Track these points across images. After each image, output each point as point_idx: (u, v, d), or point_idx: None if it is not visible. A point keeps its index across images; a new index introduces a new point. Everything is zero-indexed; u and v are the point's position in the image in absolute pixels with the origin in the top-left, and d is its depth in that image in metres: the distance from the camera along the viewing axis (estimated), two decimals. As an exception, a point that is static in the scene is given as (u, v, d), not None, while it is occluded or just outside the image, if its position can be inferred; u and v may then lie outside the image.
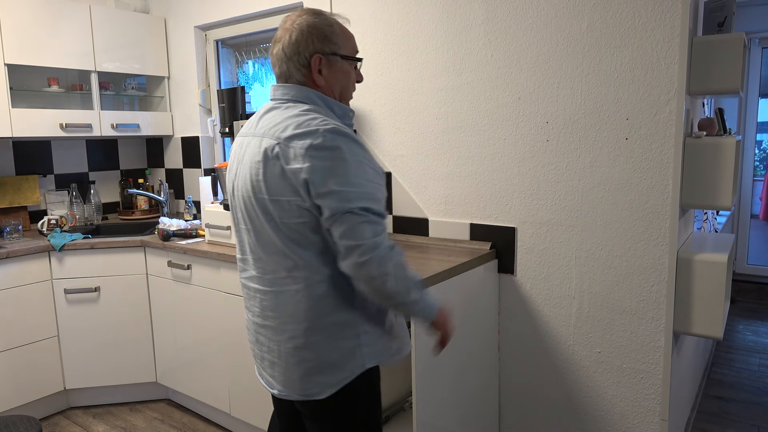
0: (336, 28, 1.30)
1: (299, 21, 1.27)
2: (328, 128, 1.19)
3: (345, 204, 1.17)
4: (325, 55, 1.28)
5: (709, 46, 1.82)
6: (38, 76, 3.02)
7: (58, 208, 3.19)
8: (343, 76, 1.32)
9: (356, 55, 1.34)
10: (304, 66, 1.27)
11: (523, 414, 2.25)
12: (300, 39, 1.26)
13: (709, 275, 1.82)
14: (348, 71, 1.33)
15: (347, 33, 1.33)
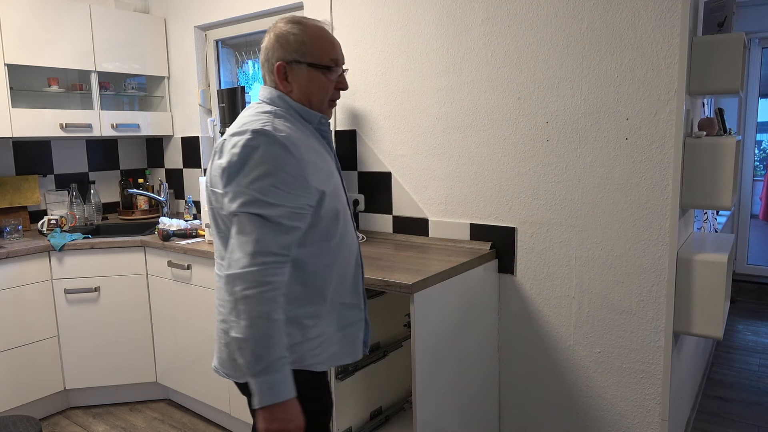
0: (305, 36, 1.30)
1: (273, 28, 1.33)
2: (256, 129, 1.20)
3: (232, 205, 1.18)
4: (288, 63, 1.30)
5: (709, 46, 1.82)
6: (38, 76, 3.02)
7: (58, 208, 3.19)
8: (311, 84, 1.32)
9: (334, 62, 1.34)
10: (271, 72, 1.33)
11: (523, 414, 2.25)
12: (268, 46, 1.32)
13: (709, 275, 1.82)
14: (317, 79, 1.32)
15: (323, 41, 1.32)
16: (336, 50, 1.35)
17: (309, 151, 1.26)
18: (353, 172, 2.64)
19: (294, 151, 1.20)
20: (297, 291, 1.29)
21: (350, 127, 2.61)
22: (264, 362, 1.14)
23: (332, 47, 1.34)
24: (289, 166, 1.19)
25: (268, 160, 1.17)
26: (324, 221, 1.29)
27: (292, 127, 1.27)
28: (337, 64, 1.35)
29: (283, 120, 1.27)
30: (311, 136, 1.33)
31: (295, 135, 1.24)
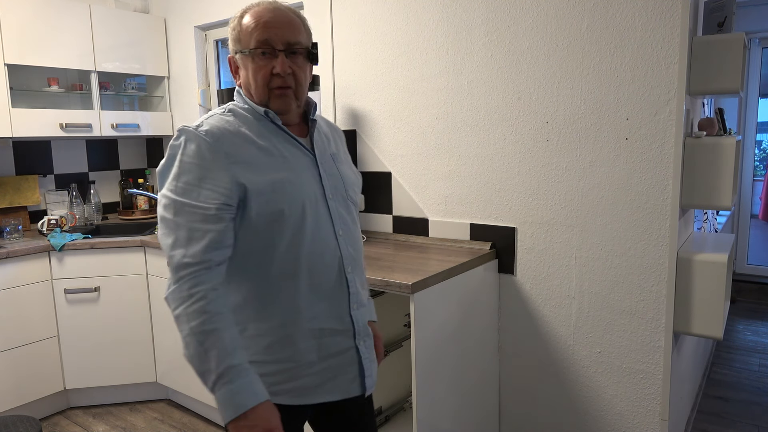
0: (238, 23, 1.19)
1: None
2: (181, 128, 1.15)
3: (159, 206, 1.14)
4: (234, 54, 1.22)
5: (709, 46, 1.82)
6: (38, 76, 3.02)
7: (58, 208, 3.19)
8: (246, 74, 1.20)
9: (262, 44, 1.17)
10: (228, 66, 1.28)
11: (523, 414, 2.25)
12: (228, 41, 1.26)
13: (709, 275, 1.82)
14: (247, 66, 1.19)
15: (253, 23, 1.17)
16: (263, 28, 1.16)
17: (242, 145, 1.15)
18: (353, 172, 2.64)
19: (214, 146, 1.12)
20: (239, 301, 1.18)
21: (350, 127, 2.61)
22: (211, 377, 1.05)
23: (259, 28, 1.16)
24: (205, 161, 1.11)
25: (184, 158, 1.12)
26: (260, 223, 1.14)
27: (229, 121, 1.18)
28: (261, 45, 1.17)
29: (227, 115, 1.20)
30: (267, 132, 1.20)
31: (221, 130, 1.15)
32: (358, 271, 1.29)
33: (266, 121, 1.22)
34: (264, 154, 1.18)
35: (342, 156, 1.35)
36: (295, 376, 1.21)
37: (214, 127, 1.15)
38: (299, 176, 1.20)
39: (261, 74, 1.18)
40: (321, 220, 1.21)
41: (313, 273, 1.20)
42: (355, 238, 1.30)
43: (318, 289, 1.21)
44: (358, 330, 1.28)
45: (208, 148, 1.12)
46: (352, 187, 1.32)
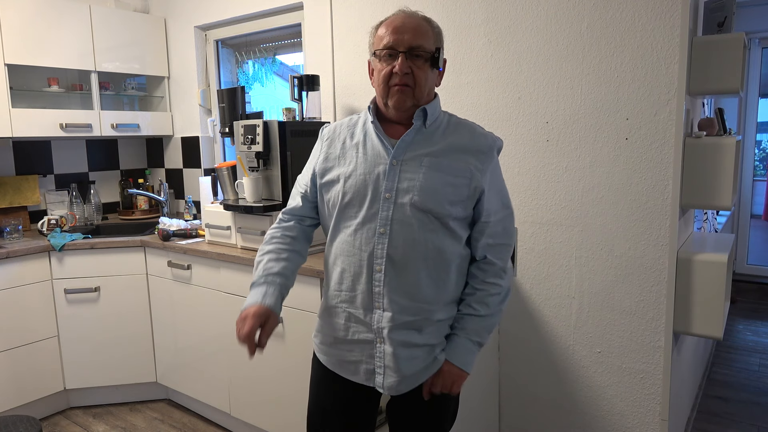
0: (375, 30, 1.32)
1: None
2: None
3: None
4: (372, 59, 1.33)
5: (709, 46, 1.82)
6: (38, 76, 3.02)
7: (58, 208, 3.19)
8: (375, 73, 1.30)
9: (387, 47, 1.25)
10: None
11: (523, 414, 2.25)
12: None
13: (709, 275, 1.82)
14: (376, 66, 1.29)
15: (383, 27, 1.28)
16: (391, 33, 1.24)
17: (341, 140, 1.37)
18: (353, 172, 2.63)
19: (324, 138, 1.41)
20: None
21: (350, 127, 2.61)
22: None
23: (388, 33, 1.25)
24: (315, 149, 1.44)
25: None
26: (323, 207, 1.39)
27: (353, 119, 1.40)
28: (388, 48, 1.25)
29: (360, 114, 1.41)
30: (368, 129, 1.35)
31: (338, 125, 1.41)
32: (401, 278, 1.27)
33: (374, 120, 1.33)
34: (349, 148, 1.35)
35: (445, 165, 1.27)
36: (330, 344, 1.40)
37: (335, 124, 1.43)
38: (365, 171, 1.28)
39: (383, 73, 1.27)
40: (368, 215, 1.27)
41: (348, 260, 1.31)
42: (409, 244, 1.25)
43: (348, 277, 1.32)
44: (376, 331, 1.30)
45: (320, 138, 1.43)
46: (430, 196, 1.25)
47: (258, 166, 2.31)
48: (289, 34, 2.97)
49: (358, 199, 1.28)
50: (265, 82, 3.32)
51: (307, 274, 1.99)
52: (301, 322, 2.05)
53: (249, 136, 2.27)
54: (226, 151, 3.37)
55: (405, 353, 1.30)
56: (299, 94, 2.50)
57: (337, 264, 1.34)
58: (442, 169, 1.27)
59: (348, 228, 1.30)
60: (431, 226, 1.26)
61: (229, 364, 2.47)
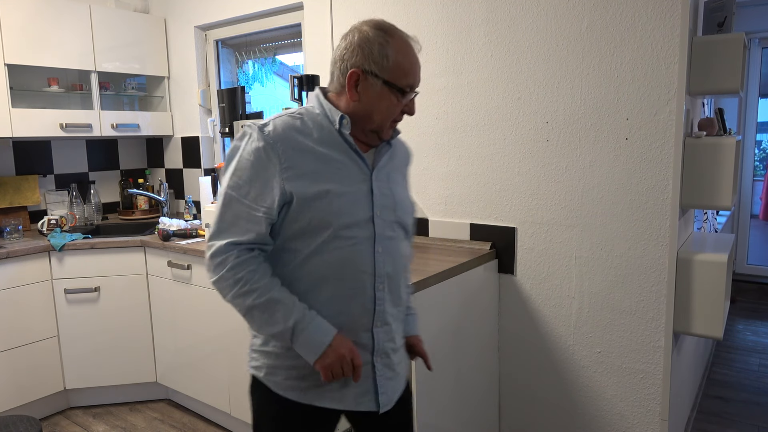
0: (391, 50, 1.20)
1: (359, 28, 1.22)
2: (250, 123, 1.21)
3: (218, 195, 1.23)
4: (364, 72, 1.19)
5: (709, 46, 1.82)
6: (38, 76, 3.02)
7: (58, 208, 3.19)
8: (379, 102, 1.21)
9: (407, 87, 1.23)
10: (342, 74, 1.22)
11: (523, 414, 2.25)
12: (348, 47, 1.20)
13: (709, 275, 1.82)
14: (388, 99, 1.21)
15: (408, 61, 1.22)
16: (416, 74, 1.25)
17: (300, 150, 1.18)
18: (353, 172, 2.64)
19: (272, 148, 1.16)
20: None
21: (350, 127, 2.61)
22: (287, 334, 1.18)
23: (412, 70, 1.24)
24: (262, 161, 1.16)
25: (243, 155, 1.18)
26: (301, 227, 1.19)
27: (296, 125, 1.20)
28: (411, 89, 1.25)
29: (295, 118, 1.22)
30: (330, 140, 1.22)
31: (286, 132, 1.18)
32: (393, 291, 1.29)
33: (333, 129, 1.23)
34: (319, 161, 1.20)
35: (400, 179, 1.34)
36: (303, 376, 1.24)
37: (278, 128, 1.18)
38: (348, 189, 1.21)
39: (397, 110, 1.24)
40: (362, 234, 1.22)
41: (341, 283, 1.22)
42: (397, 259, 1.28)
43: (343, 300, 1.23)
44: (377, 348, 1.28)
45: (265, 150, 1.16)
46: (404, 209, 1.31)
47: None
48: (289, 34, 2.98)
49: (353, 219, 1.21)
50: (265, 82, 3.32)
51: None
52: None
53: (249, 136, 2.26)
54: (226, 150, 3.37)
55: (398, 358, 1.34)
56: (299, 94, 2.50)
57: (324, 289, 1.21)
58: (403, 183, 1.36)
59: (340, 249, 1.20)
60: (403, 237, 1.33)
61: (229, 364, 2.47)
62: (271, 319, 1.17)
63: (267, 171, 1.16)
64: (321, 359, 1.17)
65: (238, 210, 1.17)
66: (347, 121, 1.22)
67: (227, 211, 1.18)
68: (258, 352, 1.28)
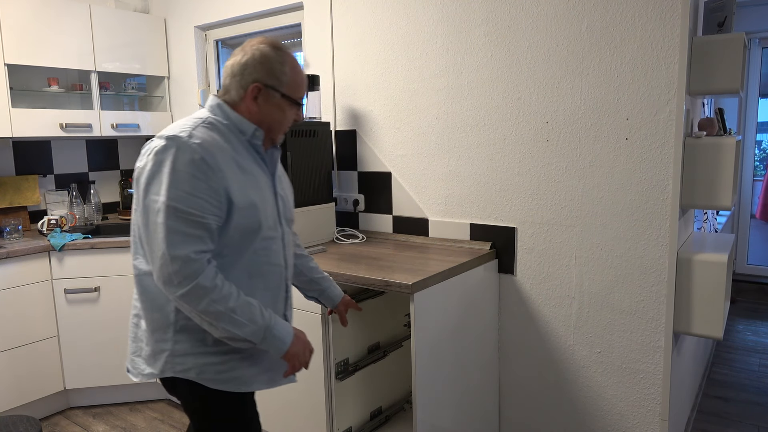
0: (287, 67, 1.34)
1: (258, 47, 1.33)
2: (170, 135, 1.24)
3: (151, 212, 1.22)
4: (265, 86, 1.32)
5: (709, 46, 1.82)
6: (38, 76, 3.02)
7: (58, 208, 3.19)
8: (277, 112, 1.36)
9: (299, 99, 1.39)
10: (242, 88, 1.32)
11: (523, 414, 2.25)
12: (249, 63, 1.32)
13: (709, 275, 1.82)
14: (285, 110, 1.36)
15: (300, 78, 1.37)
16: (305, 88, 1.41)
17: (227, 161, 1.27)
18: (353, 172, 2.64)
19: (208, 159, 1.23)
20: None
21: (350, 127, 2.61)
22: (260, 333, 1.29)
23: (304, 85, 1.40)
24: (200, 172, 1.22)
25: (178, 167, 1.21)
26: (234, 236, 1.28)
27: (214, 136, 1.29)
28: (301, 100, 1.41)
29: (209, 128, 1.30)
30: (242, 150, 1.34)
31: (211, 143, 1.26)
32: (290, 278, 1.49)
33: (242, 139, 1.35)
34: (241, 170, 1.31)
35: (284, 177, 1.52)
36: (237, 366, 1.36)
37: (204, 140, 1.25)
38: (265, 195, 1.36)
39: (291, 119, 1.39)
40: (276, 235, 1.39)
41: (265, 278, 1.37)
42: (291, 250, 1.49)
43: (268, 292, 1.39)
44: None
45: (202, 160, 1.22)
46: (291, 207, 1.51)
47: (258, 166, 2.31)
48: (289, 34, 2.98)
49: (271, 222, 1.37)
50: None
51: (307, 274, 1.99)
52: (302, 321, 2.05)
53: (249, 136, 2.27)
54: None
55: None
56: (299, 94, 2.50)
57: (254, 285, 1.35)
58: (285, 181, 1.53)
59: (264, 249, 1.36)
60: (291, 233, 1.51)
61: (229, 364, 2.46)
62: (249, 319, 1.26)
63: (210, 180, 1.23)
64: (291, 348, 1.32)
65: (187, 221, 1.21)
66: (260, 133, 1.35)
67: (176, 224, 1.20)
68: (183, 356, 1.33)
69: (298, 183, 2.32)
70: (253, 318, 1.26)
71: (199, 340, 1.33)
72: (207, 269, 1.22)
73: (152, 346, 1.35)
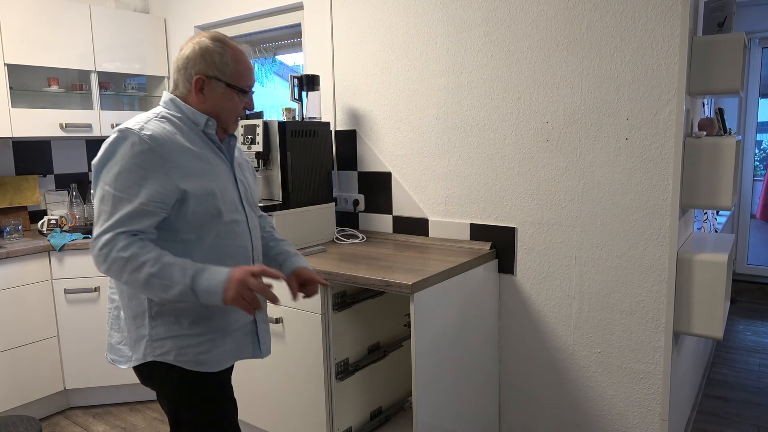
0: (228, 57, 1.39)
1: (199, 41, 1.39)
2: (124, 127, 1.31)
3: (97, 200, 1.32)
4: (208, 77, 1.38)
5: (709, 46, 1.82)
6: (38, 76, 3.02)
7: (58, 208, 3.19)
8: (224, 102, 1.41)
9: (246, 87, 1.43)
10: (188, 81, 1.39)
11: (523, 414, 2.25)
12: (191, 56, 1.38)
13: (709, 275, 1.82)
14: (232, 98, 1.42)
15: (244, 66, 1.42)
16: (252, 76, 1.46)
17: (179, 152, 1.33)
18: (353, 172, 2.64)
19: (157, 150, 1.29)
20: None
21: (350, 127, 2.61)
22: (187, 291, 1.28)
23: (250, 73, 1.44)
24: (148, 162, 1.28)
25: (126, 157, 1.28)
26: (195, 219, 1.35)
27: (167, 128, 1.35)
28: (249, 88, 1.46)
29: (162, 122, 1.36)
30: (197, 140, 1.40)
31: (162, 134, 1.32)
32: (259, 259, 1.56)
33: (197, 131, 1.41)
34: (198, 160, 1.37)
35: (245, 164, 1.58)
36: (213, 346, 1.42)
37: (156, 132, 1.32)
38: (223, 181, 1.41)
39: (240, 107, 1.44)
40: (240, 219, 1.45)
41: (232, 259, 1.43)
42: (258, 233, 1.56)
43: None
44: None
45: (150, 151, 1.29)
46: (253, 191, 1.57)
47: (258, 166, 2.31)
48: (289, 34, 2.98)
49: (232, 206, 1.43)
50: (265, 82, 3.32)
51: (307, 274, 1.99)
52: (302, 321, 2.05)
53: (249, 136, 2.27)
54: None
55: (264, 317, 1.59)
56: (299, 94, 2.50)
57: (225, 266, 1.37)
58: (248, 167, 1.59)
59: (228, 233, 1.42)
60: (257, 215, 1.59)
61: (229, 364, 2.46)
62: (171, 283, 1.26)
63: (156, 171, 1.29)
64: (226, 294, 1.26)
65: (127, 209, 1.27)
66: (213, 123, 1.41)
67: (115, 211, 1.28)
68: (161, 339, 1.38)
69: (298, 183, 2.32)
70: (174, 278, 1.26)
71: (173, 323, 1.38)
72: (118, 241, 1.26)
73: (134, 333, 1.41)
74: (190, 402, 1.43)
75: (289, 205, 2.30)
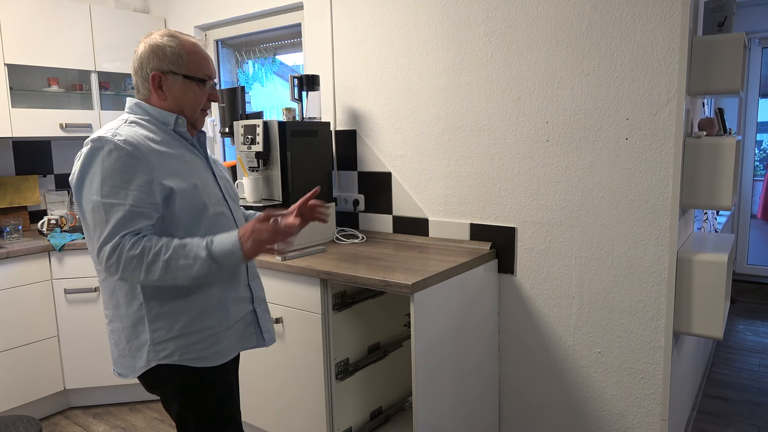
0: (180, 49, 1.38)
1: (149, 39, 1.39)
2: (95, 137, 1.30)
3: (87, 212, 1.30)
4: (164, 73, 1.38)
5: (709, 46, 1.82)
6: (38, 76, 3.02)
7: (58, 208, 3.19)
8: (185, 95, 1.41)
9: (208, 77, 1.43)
10: (146, 80, 1.39)
11: (523, 414, 2.25)
12: (143, 56, 1.38)
13: (709, 275, 1.82)
14: (192, 90, 1.41)
15: (198, 55, 1.41)
16: (209, 65, 1.44)
17: (155, 153, 1.33)
18: (353, 172, 2.64)
19: (135, 153, 1.29)
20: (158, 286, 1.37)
21: (350, 127, 2.61)
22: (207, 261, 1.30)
23: (206, 62, 1.43)
24: (128, 166, 1.28)
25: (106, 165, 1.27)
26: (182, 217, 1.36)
27: (138, 131, 1.35)
28: (210, 78, 1.44)
29: (134, 126, 1.36)
30: (170, 140, 1.40)
31: (136, 138, 1.32)
32: None
33: (169, 130, 1.41)
34: (174, 159, 1.37)
35: (219, 161, 1.61)
36: (216, 340, 1.42)
37: (129, 136, 1.32)
38: (202, 176, 1.42)
39: (203, 98, 1.44)
40: (225, 211, 1.46)
41: None
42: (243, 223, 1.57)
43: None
44: (255, 297, 1.55)
45: (128, 155, 1.29)
46: (232, 184, 1.59)
47: (258, 166, 2.31)
48: (289, 34, 2.98)
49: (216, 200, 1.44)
50: (265, 82, 3.32)
51: (307, 274, 1.99)
52: (302, 321, 2.05)
53: (249, 136, 2.27)
54: (226, 151, 3.37)
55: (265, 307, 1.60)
56: (299, 94, 2.50)
57: None
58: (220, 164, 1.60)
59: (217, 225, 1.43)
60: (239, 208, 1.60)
61: (229, 364, 2.46)
62: (190, 261, 1.28)
63: (140, 174, 1.29)
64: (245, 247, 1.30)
65: (120, 213, 1.27)
66: (182, 120, 1.42)
67: (110, 217, 1.27)
68: (163, 342, 1.37)
69: (298, 183, 2.32)
70: (191, 255, 1.28)
71: (174, 323, 1.38)
72: (124, 242, 1.26)
73: (134, 342, 1.40)
74: (195, 403, 1.43)
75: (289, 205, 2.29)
